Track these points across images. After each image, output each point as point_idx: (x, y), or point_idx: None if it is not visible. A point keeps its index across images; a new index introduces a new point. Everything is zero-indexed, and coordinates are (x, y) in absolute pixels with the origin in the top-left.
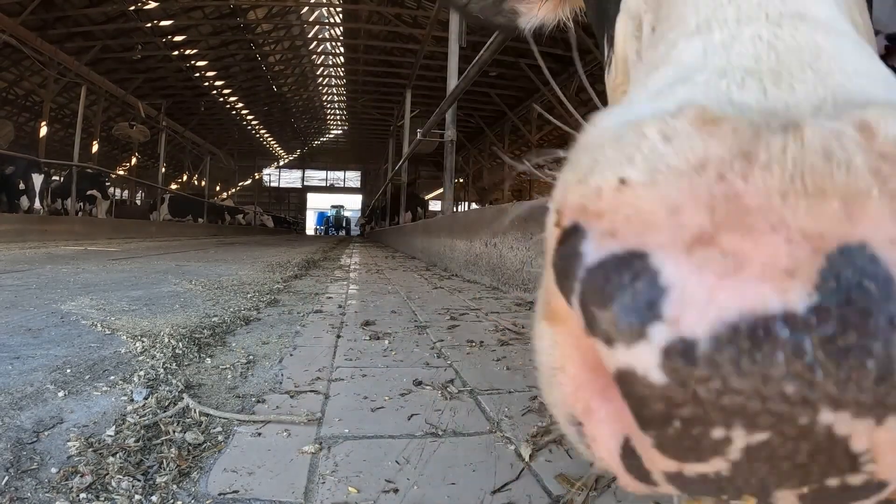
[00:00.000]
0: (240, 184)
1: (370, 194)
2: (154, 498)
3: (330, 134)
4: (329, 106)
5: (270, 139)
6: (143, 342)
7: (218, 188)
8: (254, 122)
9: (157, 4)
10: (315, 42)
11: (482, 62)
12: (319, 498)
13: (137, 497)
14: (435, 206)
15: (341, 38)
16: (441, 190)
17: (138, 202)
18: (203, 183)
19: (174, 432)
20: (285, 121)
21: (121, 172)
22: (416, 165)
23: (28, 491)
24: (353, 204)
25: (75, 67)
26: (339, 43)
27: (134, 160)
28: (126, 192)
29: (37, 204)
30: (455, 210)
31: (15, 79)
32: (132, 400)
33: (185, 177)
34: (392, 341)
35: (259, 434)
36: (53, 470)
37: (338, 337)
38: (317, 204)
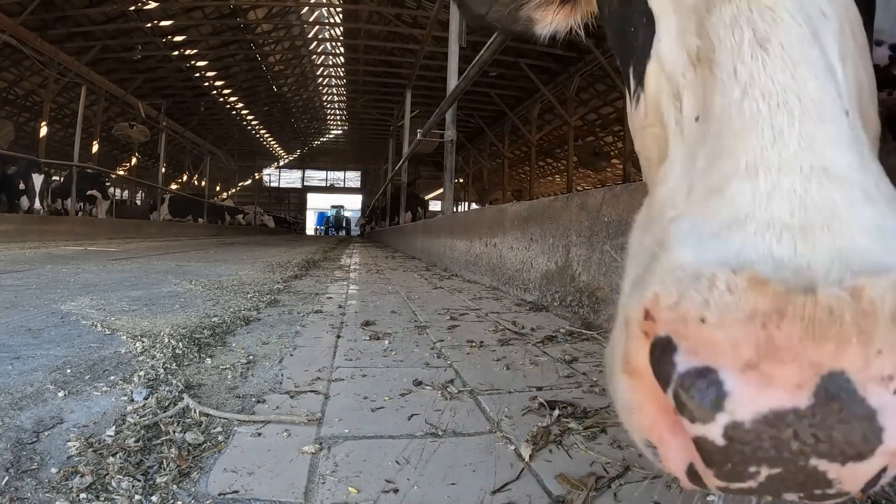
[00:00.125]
0: (240, 184)
1: (370, 194)
2: (154, 498)
3: (330, 134)
4: (329, 106)
5: (270, 139)
6: (143, 342)
7: (218, 188)
8: (254, 122)
9: (157, 4)
10: (315, 42)
11: (482, 62)
12: (319, 498)
13: (137, 497)
14: (435, 206)
15: (341, 38)
16: (441, 190)
17: (138, 202)
18: (203, 183)
19: (174, 432)
20: (285, 121)
21: (121, 172)
22: (416, 165)
23: (28, 491)
24: (353, 204)
25: (75, 67)
26: (339, 43)
27: (134, 160)
28: (126, 193)
29: (37, 204)
30: (455, 210)
31: (15, 79)
32: (132, 400)
33: (185, 177)
34: (392, 341)
35: (259, 434)
36: (53, 470)
37: (338, 337)
38: (317, 204)
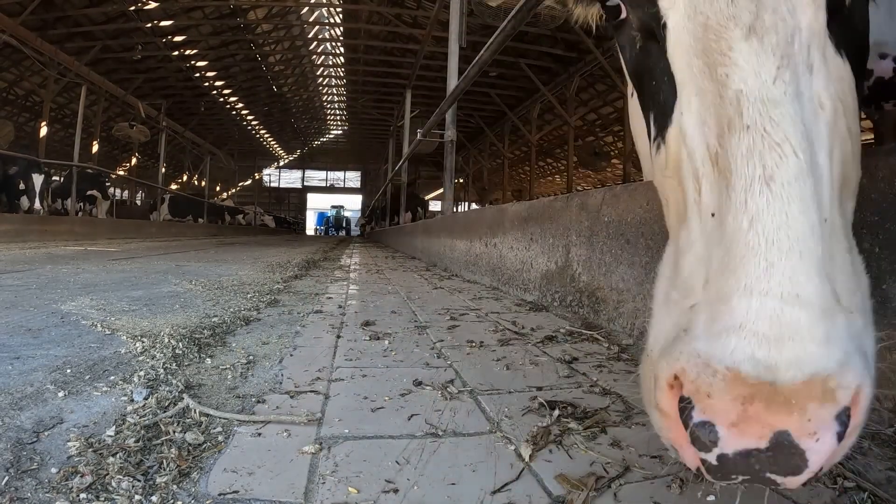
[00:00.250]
0: (240, 184)
1: (370, 194)
2: (154, 498)
3: (330, 134)
4: (329, 106)
5: (270, 139)
6: (143, 342)
7: (218, 188)
8: (254, 122)
9: (157, 4)
10: (315, 42)
11: (482, 62)
12: (319, 498)
13: (137, 497)
14: (435, 206)
15: (341, 38)
16: (441, 190)
17: (138, 202)
18: (203, 183)
19: (174, 432)
20: (285, 121)
21: (121, 172)
22: (416, 165)
23: (28, 491)
24: (353, 204)
25: (75, 67)
26: (339, 43)
27: (134, 160)
28: (126, 193)
29: (37, 204)
30: (455, 210)
31: (15, 79)
32: (132, 400)
33: (185, 177)
34: (392, 341)
35: (259, 434)
36: (53, 470)
37: (338, 337)
38: (317, 204)
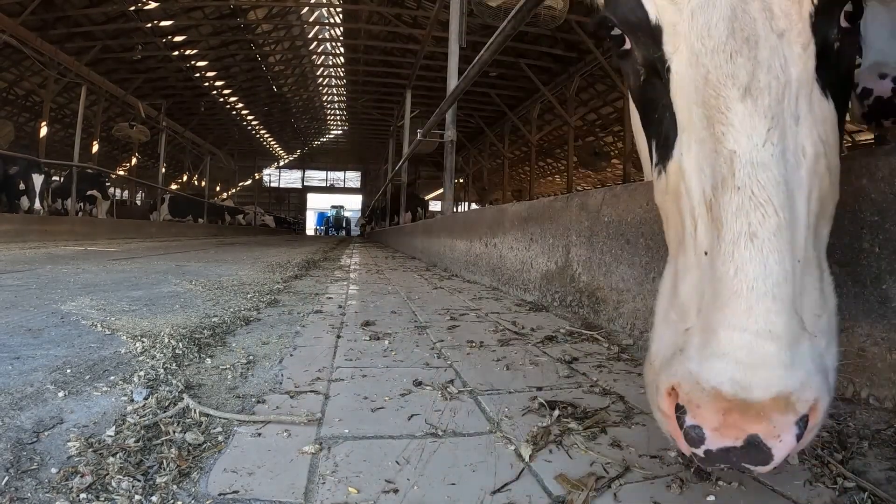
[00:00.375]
0: (240, 184)
1: (370, 194)
2: (154, 498)
3: (330, 134)
4: (329, 106)
5: (270, 139)
6: (144, 342)
7: (218, 188)
8: (254, 123)
9: (157, 4)
10: (315, 42)
11: (482, 62)
12: (319, 498)
13: (137, 497)
14: (435, 206)
15: (341, 38)
16: (441, 190)
17: (138, 202)
18: (203, 183)
19: (174, 432)
20: (285, 121)
21: (121, 173)
22: (416, 165)
23: (28, 491)
24: (353, 204)
25: (75, 67)
26: (339, 43)
27: (134, 160)
28: (126, 193)
29: (37, 204)
30: (455, 210)
31: (15, 79)
32: (132, 400)
33: (185, 177)
34: (392, 342)
35: (259, 434)
36: (53, 470)
37: (338, 337)
38: (317, 204)
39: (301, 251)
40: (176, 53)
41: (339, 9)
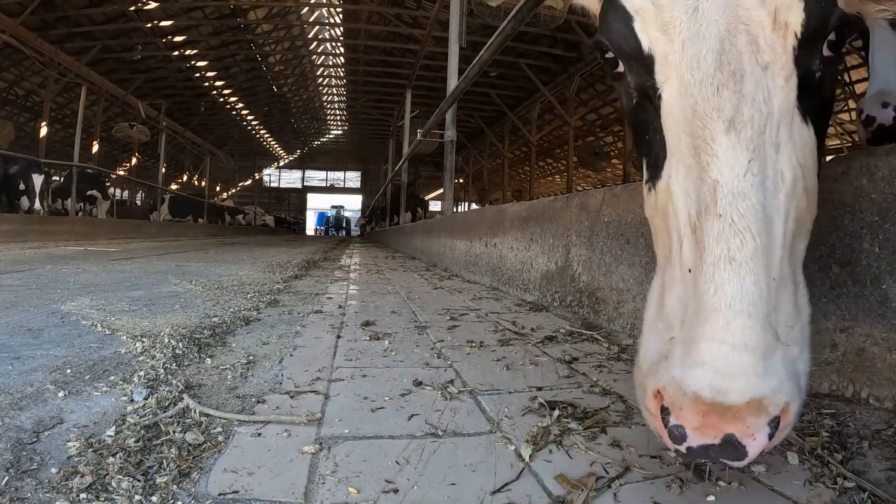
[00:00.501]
0: (240, 184)
1: (370, 194)
2: (154, 498)
3: (330, 134)
4: (329, 106)
5: (270, 139)
6: (144, 342)
7: (218, 188)
8: (254, 123)
9: (157, 4)
10: (315, 42)
11: (482, 62)
12: (319, 498)
13: (137, 497)
14: (435, 206)
15: (341, 38)
16: (441, 190)
17: (138, 202)
18: (203, 183)
19: (174, 432)
20: (285, 121)
21: (121, 173)
22: (416, 165)
23: (28, 491)
24: (353, 204)
25: (75, 68)
26: (339, 43)
27: (134, 160)
28: (126, 193)
29: (37, 204)
30: (455, 210)
31: (15, 79)
32: (132, 400)
33: (185, 177)
34: (392, 342)
35: (259, 434)
36: (53, 470)
37: (338, 337)
38: (317, 204)
39: (301, 251)
40: (176, 53)
41: (339, 9)
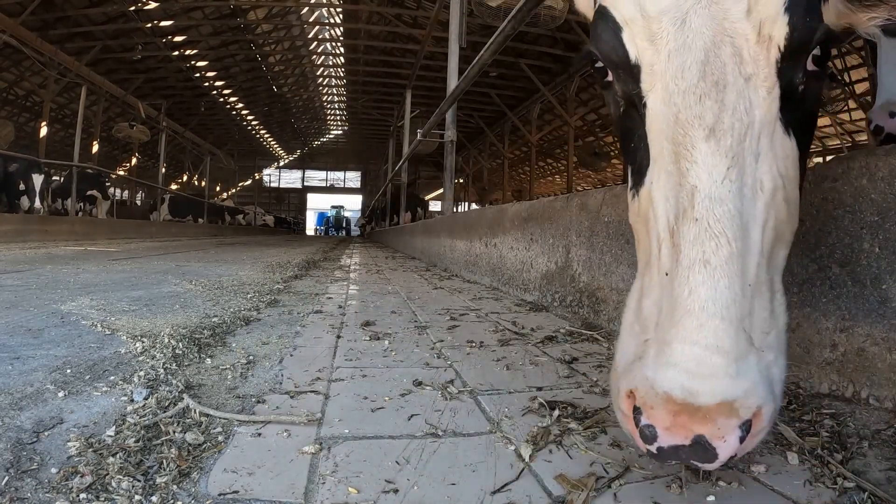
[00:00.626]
0: (240, 184)
1: (370, 194)
2: (154, 498)
3: (330, 134)
4: (329, 106)
5: (270, 139)
6: (144, 342)
7: (218, 188)
8: (254, 123)
9: (157, 5)
10: (315, 42)
11: (482, 62)
12: (319, 498)
13: (137, 497)
14: (435, 206)
15: (341, 39)
16: (441, 190)
17: (138, 202)
18: (203, 183)
19: (174, 432)
20: (285, 121)
21: (121, 173)
22: (416, 165)
23: (28, 491)
24: (353, 204)
25: (75, 68)
26: (339, 43)
27: (134, 160)
28: (126, 193)
29: (37, 204)
30: (455, 210)
31: (15, 79)
32: (132, 400)
33: (185, 177)
34: (392, 342)
35: (259, 434)
36: (53, 470)
37: (338, 337)
38: (317, 204)
39: (301, 251)
40: (176, 53)
41: (339, 9)
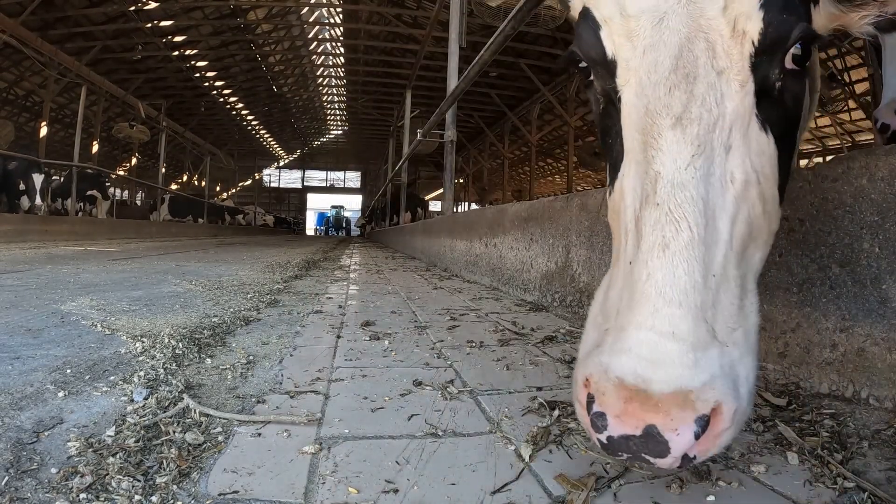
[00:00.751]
0: (240, 184)
1: (370, 195)
2: (154, 498)
3: (330, 134)
4: (329, 106)
5: (270, 139)
6: (143, 342)
7: (218, 188)
8: (254, 123)
9: (157, 5)
10: (315, 42)
11: (482, 62)
12: (319, 498)
13: (137, 497)
14: (435, 206)
15: (341, 39)
16: (441, 190)
17: (138, 202)
18: (203, 183)
19: (174, 433)
20: (285, 121)
21: (121, 173)
22: (416, 165)
23: (28, 491)
24: (353, 204)
25: (75, 68)
26: (339, 43)
27: (134, 160)
28: (126, 193)
29: (37, 203)
30: (455, 210)
31: (15, 79)
32: (132, 400)
33: (185, 177)
34: (392, 342)
35: (259, 434)
36: (53, 470)
37: (338, 337)
38: (317, 204)
39: (301, 251)
40: (176, 53)
41: (339, 9)
